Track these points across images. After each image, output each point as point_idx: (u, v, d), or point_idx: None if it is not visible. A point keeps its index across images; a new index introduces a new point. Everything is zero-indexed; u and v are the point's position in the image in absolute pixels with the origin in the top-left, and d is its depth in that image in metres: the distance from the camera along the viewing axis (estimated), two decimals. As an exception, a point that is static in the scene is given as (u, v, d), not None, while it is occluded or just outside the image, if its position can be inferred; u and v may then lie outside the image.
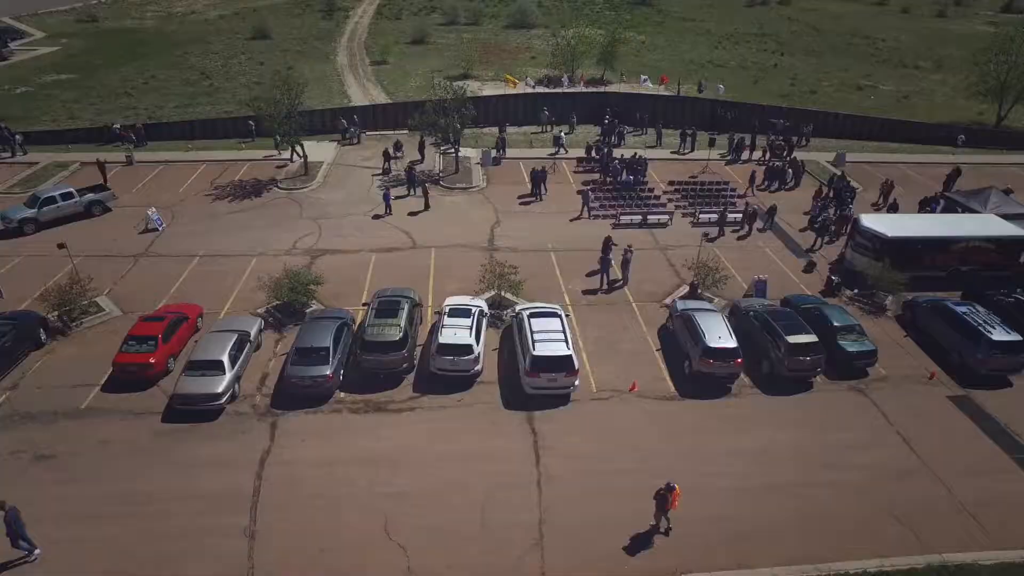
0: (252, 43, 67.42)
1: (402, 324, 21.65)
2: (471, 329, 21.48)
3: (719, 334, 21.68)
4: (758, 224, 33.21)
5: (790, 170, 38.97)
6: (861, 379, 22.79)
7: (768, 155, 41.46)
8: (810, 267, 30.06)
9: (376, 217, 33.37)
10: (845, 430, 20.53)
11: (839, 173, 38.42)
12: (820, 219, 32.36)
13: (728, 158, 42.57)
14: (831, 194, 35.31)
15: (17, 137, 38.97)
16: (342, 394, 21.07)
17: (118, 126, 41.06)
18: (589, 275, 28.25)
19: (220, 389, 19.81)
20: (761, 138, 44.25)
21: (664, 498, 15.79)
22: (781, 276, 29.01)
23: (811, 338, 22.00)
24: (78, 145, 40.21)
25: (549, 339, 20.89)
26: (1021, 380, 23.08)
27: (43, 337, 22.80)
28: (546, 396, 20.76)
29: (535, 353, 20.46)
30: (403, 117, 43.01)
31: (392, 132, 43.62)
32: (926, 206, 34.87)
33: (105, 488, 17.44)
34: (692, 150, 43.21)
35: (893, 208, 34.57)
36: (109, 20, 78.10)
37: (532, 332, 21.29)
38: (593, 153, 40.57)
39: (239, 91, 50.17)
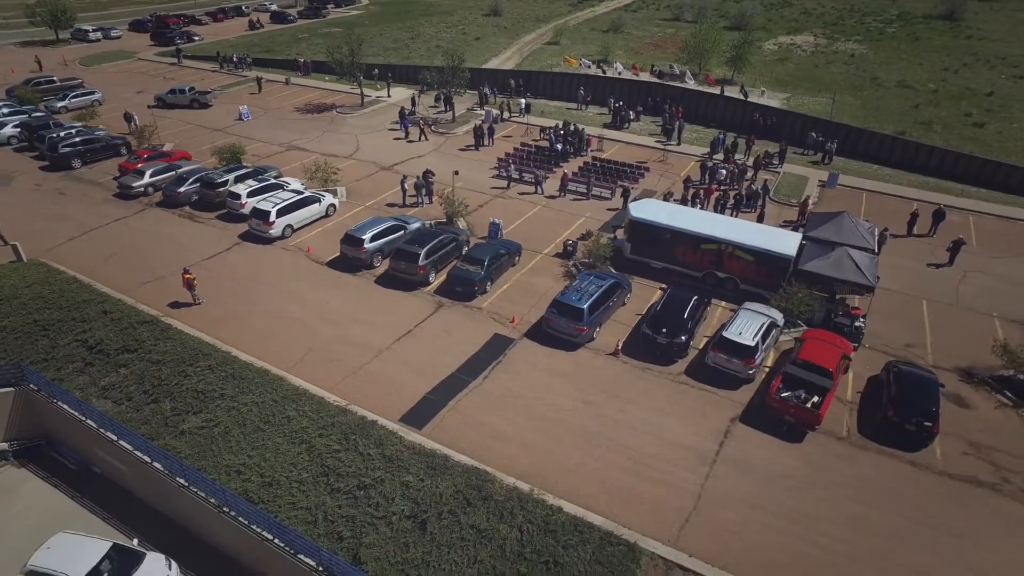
0: (482, 18, 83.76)
1: (228, 178, 34.65)
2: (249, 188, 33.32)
3: (357, 228, 29.25)
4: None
5: (722, 171, 38.16)
6: (460, 302, 27.08)
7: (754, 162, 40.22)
8: (586, 235, 32.37)
9: (396, 139, 45.72)
10: (383, 316, 26.13)
11: (763, 181, 36.76)
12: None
13: (706, 153, 42.57)
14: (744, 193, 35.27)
15: (248, 59, 62.20)
16: (187, 208, 35.20)
17: (302, 60, 61.33)
18: (413, 195, 36.28)
19: (135, 184, 35.95)
20: (771, 145, 42.58)
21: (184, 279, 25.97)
22: (552, 234, 32.70)
23: (414, 249, 27.60)
24: (276, 69, 61.68)
25: (268, 200, 31.48)
26: (590, 355, 24.41)
27: (123, 152, 42.22)
28: (256, 236, 31.58)
29: (253, 204, 31.47)
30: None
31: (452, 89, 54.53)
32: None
33: (48, 206, 35.05)
34: (679, 143, 44.12)
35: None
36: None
37: (266, 197, 32.12)
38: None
39: (419, 49, 66.69)
